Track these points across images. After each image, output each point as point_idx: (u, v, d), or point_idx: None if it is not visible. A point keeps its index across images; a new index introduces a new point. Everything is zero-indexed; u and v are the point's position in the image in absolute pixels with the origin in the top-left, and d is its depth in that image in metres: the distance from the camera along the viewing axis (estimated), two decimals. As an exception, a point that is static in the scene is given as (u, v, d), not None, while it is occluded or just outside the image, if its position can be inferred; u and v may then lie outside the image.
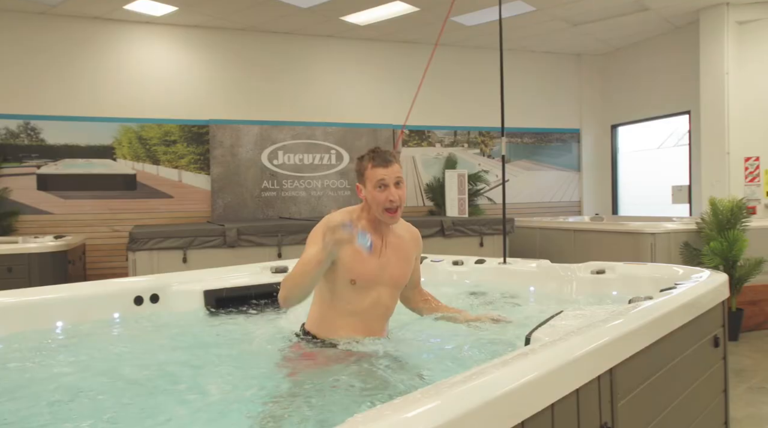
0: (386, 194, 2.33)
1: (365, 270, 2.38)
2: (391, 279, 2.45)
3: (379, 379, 2.02)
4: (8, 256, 5.58)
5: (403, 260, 2.49)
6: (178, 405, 1.85)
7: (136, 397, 1.94)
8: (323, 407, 1.78)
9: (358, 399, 1.83)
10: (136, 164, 7.89)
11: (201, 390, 1.97)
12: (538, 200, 9.97)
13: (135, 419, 1.78)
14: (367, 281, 2.38)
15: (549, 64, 9.96)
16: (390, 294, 2.46)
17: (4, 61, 7.27)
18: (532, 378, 1.44)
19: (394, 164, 2.36)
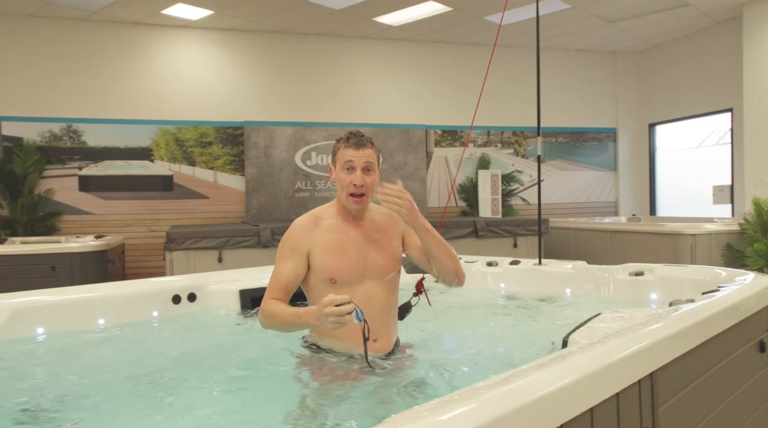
0: (351, 178, 2.17)
1: (344, 265, 2.19)
2: (377, 269, 2.23)
3: (391, 393, 1.90)
4: (52, 255, 5.75)
5: (386, 244, 2.27)
6: (201, 405, 1.88)
7: (159, 393, 1.98)
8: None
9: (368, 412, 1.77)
10: (173, 166, 8.04)
11: (221, 392, 1.99)
12: (573, 201, 9.82)
13: (156, 414, 1.82)
14: (349, 277, 2.19)
15: (584, 62, 9.80)
16: (382, 286, 2.23)
17: (49, 67, 7.50)
18: (570, 382, 1.41)
19: (367, 149, 2.19)
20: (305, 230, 2.24)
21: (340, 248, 2.20)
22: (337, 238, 2.22)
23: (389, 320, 2.27)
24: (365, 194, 2.19)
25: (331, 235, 2.22)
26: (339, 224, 2.25)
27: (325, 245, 2.20)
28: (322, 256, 2.19)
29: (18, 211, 7.17)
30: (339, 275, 2.18)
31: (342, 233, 2.23)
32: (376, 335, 2.18)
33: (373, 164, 2.19)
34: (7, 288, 2.96)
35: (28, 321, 2.56)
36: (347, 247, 2.20)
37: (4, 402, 1.90)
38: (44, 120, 7.52)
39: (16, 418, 1.76)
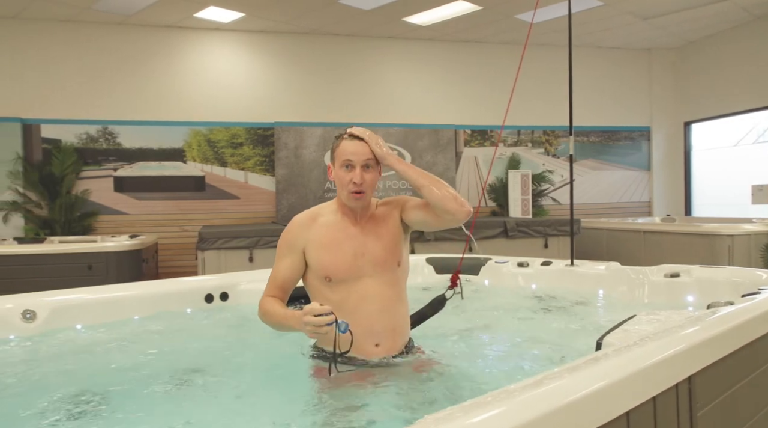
0: (351, 175, 2.10)
1: (338, 263, 2.10)
2: (375, 265, 2.12)
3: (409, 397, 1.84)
4: (88, 254, 5.88)
5: (386, 236, 2.17)
6: (231, 404, 1.90)
7: (191, 391, 2.02)
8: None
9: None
10: (205, 166, 8.16)
11: (249, 391, 2.02)
12: (605, 201, 9.66)
13: (187, 411, 1.85)
14: (344, 274, 2.10)
15: (617, 60, 9.63)
16: (382, 282, 2.12)
17: (85, 70, 7.68)
18: (605, 385, 1.39)
19: (366, 146, 2.13)
20: (302, 227, 2.19)
21: (336, 244, 2.13)
22: (333, 235, 2.15)
23: (392, 321, 2.13)
24: (365, 192, 2.12)
25: (326, 232, 2.16)
26: (336, 221, 2.18)
27: (321, 242, 2.14)
28: (317, 253, 2.13)
29: (56, 211, 7.37)
30: (333, 273, 2.10)
31: (338, 229, 2.16)
32: (377, 338, 2.08)
33: (372, 160, 2.13)
34: (46, 286, 3.04)
35: (67, 318, 2.63)
36: (343, 243, 2.13)
37: (45, 396, 1.95)
38: (81, 122, 7.71)
39: (56, 412, 1.81)
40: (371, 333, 2.07)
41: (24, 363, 2.38)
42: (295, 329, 1.95)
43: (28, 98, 7.51)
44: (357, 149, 2.11)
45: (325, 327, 1.83)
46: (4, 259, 5.72)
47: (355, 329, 1.93)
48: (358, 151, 2.11)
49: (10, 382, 2.16)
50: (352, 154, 2.11)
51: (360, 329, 2.00)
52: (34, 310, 2.55)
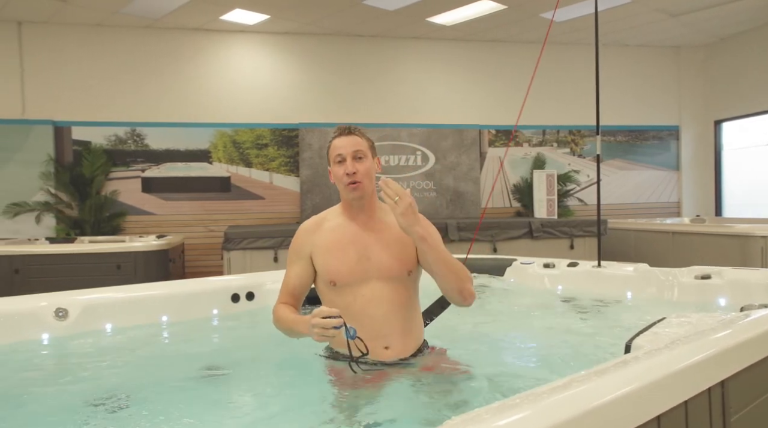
0: (343, 168, 2.08)
1: (342, 266, 2.08)
2: (381, 270, 2.07)
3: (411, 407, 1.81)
4: (117, 254, 5.99)
5: (396, 244, 2.10)
6: (255, 403, 1.92)
7: (217, 389, 2.05)
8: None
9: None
10: (230, 167, 8.25)
11: (274, 390, 2.04)
12: (633, 201, 9.52)
13: (213, 409, 1.87)
14: (348, 278, 2.07)
15: (644, 58, 9.48)
16: (390, 287, 2.07)
17: (114, 73, 7.82)
18: (635, 388, 1.37)
19: (354, 137, 2.11)
20: (307, 233, 2.18)
21: (340, 248, 2.10)
22: (338, 238, 2.13)
23: (401, 323, 2.08)
24: (361, 181, 2.08)
25: (331, 236, 2.14)
26: (342, 224, 2.15)
27: (325, 246, 2.12)
28: (322, 258, 2.12)
29: (86, 211, 7.51)
30: (338, 277, 2.08)
31: (343, 233, 2.13)
32: (386, 341, 2.05)
33: (363, 151, 2.10)
34: (77, 285, 3.10)
35: (97, 317, 2.68)
36: (347, 247, 2.10)
37: (76, 393, 1.99)
38: (110, 124, 7.85)
39: (86, 409, 1.84)
40: (379, 336, 2.04)
41: (56, 360, 2.43)
42: (304, 334, 1.95)
43: (60, 101, 7.67)
44: (345, 142, 2.11)
45: (332, 330, 1.83)
46: (36, 258, 5.86)
47: (362, 333, 1.92)
48: (347, 143, 2.10)
49: (43, 379, 2.21)
50: (341, 147, 2.10)
51: (368, 333, 1.97)
52: (66, 308, 2.60)
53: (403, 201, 1.93)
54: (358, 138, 2.12)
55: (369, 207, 2.15)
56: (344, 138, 2.11)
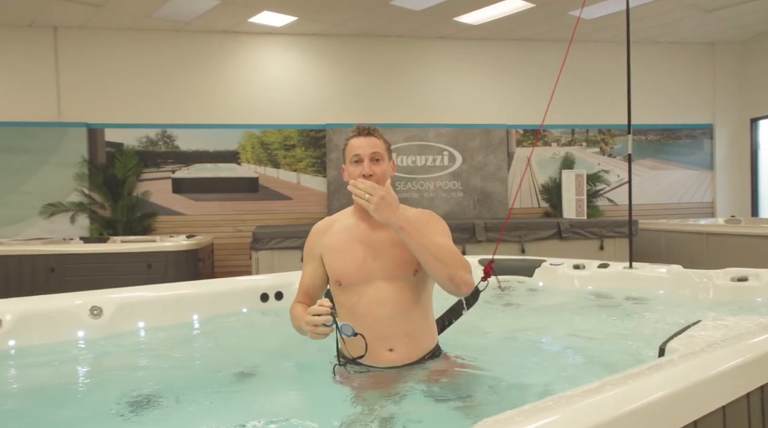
0: (360, 169, 2.06)
1: (347, 266, 2.08)
2: (386, 270, 2.05)
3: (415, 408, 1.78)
4: (148, 254, 6.10)
5: (400, 244, 2.04)
6: (282, 401, 1.94)
7: (247, 387, 2.07)
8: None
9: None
10: (258, 168, 8.33)
11: (300, 390, 2.06)
12: (664, 201, 9.34)
13: (243, 407, 1.90)
14: (353, 278, 2.07)
15: (677, 55, 9.29)
16: (396, 288, 2.04)
17: (146, 76, 7.97)
18: (670, 392, 1.34)
19: (373, 138, 2.09)
20: (318, 234, 2.21)
21: (347, 248, 2.10)
22: (345, 238, 2.13)
23: (406, 326, 2.05)
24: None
25: (340, 236, 2.15)
26: (351, 225, 2.15)
27: (334, 247, 2.13)
28: (330, 258, 2.13)
29: (118, 212, 7.66)
30: (343, 277, 2.08)
31: (352, 233, 2.13)
32: (390, 343, 2.02)
33: (380, 153, 2.09)
34: (109, 284, 3.16)
35: (131, 315, 2.73)
36: (354, 247, 2.09)
37: (108, 389, 2.04)
38: (142, 126, 8.00)
39: (118, 405, 1.88)
40: (383, 338, 2.01)
41: (91, 357, 2.48)
42: (304, 331, 1.95)
43: (93, 104, 7.84)
44: (364, 143, 2.09)
45: (322, 328, 1.84)
46: (71, 257, 6.00)
47: (366, 333, 1.91)
48: (365, 144, 2.09)
49: (78, 375, 2.26)
50: (359, 147, 2.09)
51: (371, 333, 1.96)
52: (101, 307, 2.66)
53: (374, 197, 1.94)
54: (376, 139, 2.10)
55: None
56: (363, 139, 2.10)
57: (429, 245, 1.96)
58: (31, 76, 7.68)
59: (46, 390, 2.09)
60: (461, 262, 1.99)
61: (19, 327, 2.48)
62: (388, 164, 2.12)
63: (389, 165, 2.13)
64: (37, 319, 2.54)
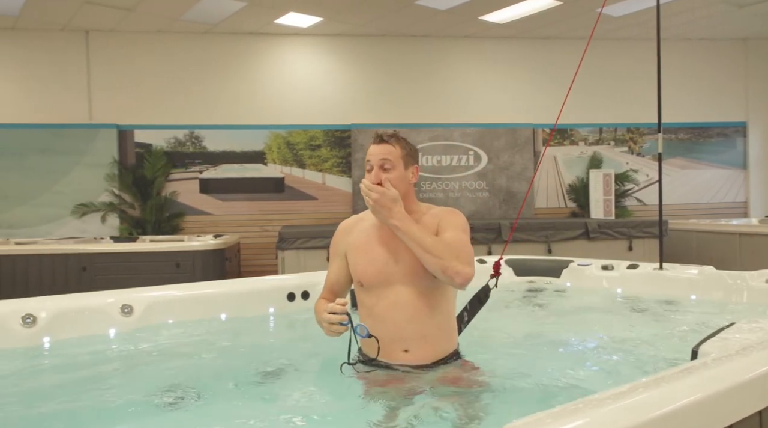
0: (370, 176, 2.07)
1: (369, 268, 2.09)
2: (407, 274, 2.05)
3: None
4: (176, 253, 6.19)
5: None
6: (304, 401, 1.95)
7: (273, 385, 2.09)
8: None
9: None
10: (284, 168, 8.39)
11: (323, 389, 2.07)
12: (695, 201, 9.15)
13: (269, 405, 1.92)
14: (374, 280, 2.08)
15: (708, 52, 9.10)
16: (414, 290, 2.05)
17: (174, 78, 8.08)
18: (703, 397, 1.31)
19: (387, 145, 2.08)
20: (343, 232, 2.24)
21: (369, 249, 2.12)
22: (369, 239, 2.14)
23: (423, 329, 2.06)
24: None
25: (363, 236, 2.16)
26: (376, 225, 2.14)
27: (357, 246, 2.15)
28: (353, 258, 2.15)
29: (147, 212, 7.79)
30: (364, 278, 2.10)
31: (375, 234, 2.13)
32: (405, 345, 2.04)
33: (390, 160, 2.07)
34: (139, 282, 3.22)
35: (160, 314, 2.77)
36: (376, 248, 2.10)
37: (138, 386, 2.07)
38: (170, 127, 8.12)
39: (147, 402, 1.92)
40: (399, 339, 2.03)
41: (122, 354, 2.53)
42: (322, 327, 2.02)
43: (123, 106, 7.98)
44: (375, 150, 2.10)
45: (337, 326, 1.89)
46: (102, 256, 6.12)
47: (383, 334, 1.98)
48: (376, 151, 2.09)
49: (109, 372, 2.31)
50: (372, 154, 2.10)
51: (388, 335, 2.00)
52: (132, 305, 2.70)
53: (369, 199, 2.01)
54: (390, 147, 2.09)
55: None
56: (376, 146, 2.10)
57: (422, 240, 1.99)
58: (64, 80, 7.85)
59: (78, 384, 2.14)
60: (456, 253, 1.99)
61: (53, 324, 2.55)
62: (403, 171, 2.10)
63: (406, 172, 2.11)
64: (70, 316, 2.60)
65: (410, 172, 2.13)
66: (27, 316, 2.51)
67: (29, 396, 2.08)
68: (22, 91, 7.80)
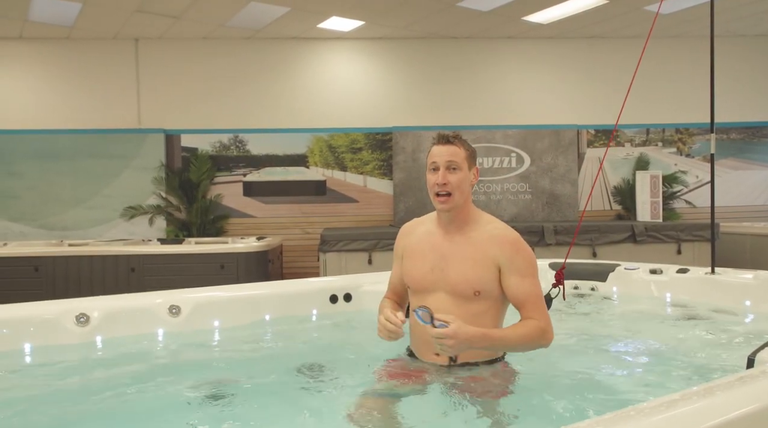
0: (435, 177, 2.08)
1: (416, 273, 2.14)
2: (449, 283, 2.07)
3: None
4: (221, 255, 6.31)
5: (469, 262, 2.07)
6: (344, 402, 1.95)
7: (317, 385, 2.11)
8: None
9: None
10: (326, 171, 8.46)
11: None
12: (749, 204, 8.82)
13: (312, 404, 1.94)
14: (419, 285, 2.13)
15: (763, 48, 8.76)
16: (453, 303, 2.05)
17: (219, 83, 8.26)
18: (762, 406, 1.26)
19: (452, 146, 2.08)
20: (403, 234, 2.29)
21: (421, 254, 2.15)
22: (422, 244, 2.18)
23: None
24: (451, 194, 2.07)
25: (418, 241, 2.20)
26: (430, 231, 2.18)
27: (411, 250, 2.19)
28: (406, 261, 2.20)
29: (193, 214, 7.98)
30: (411, 282, 2.15)
31: (428, 240, 2.16)
32: (437, 349, 1.99)
33: (457, 162, 2.07)
34: (184, 283, 3.30)
35: (207, 314, 2.83)
36: (427, 255, 2.13)
37: (185, 383, 2.12)
38: (215, 132, 8.30)
39: (193, 397, 1.97)
40: (432, 347, 1.97)
41: (169, 353, 2.60)
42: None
43: (170, 111, 8.20)
44: (441, 151, 2.09)
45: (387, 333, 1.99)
46: (149, 258, 6.29)
47: (420, 338, 2.06)
48: (443, 152, 2.09)
49: (157, 369, 2.37)
50: (437, 155, 2.10)
51: (423, 336, 2.01)
52: (179, 305, 2.77)
53: (445, 347, 1.88)
54: (455, 148, 2.10)
55: (459, 219, 2.14)
56: (441, 147, 2.11)
57: (509, 345, 2.03)
58: (114, 86, 8.11)
59: (126, 380, 2.21)
60: (540, 331, 2.00)
61: (105, 324, 2.63)
62: (467, 172, 2.12)
63: (469, 173, 2.13)
64: (121, 316, 2.68)
65: (472, 173, 2.16)
66: (81, 315, 2.61)
67: (82, 390, 2.17)
68: (75, 97, 8.10)
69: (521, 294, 2.04)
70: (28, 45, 7.96)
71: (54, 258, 6.24)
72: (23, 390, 2.20)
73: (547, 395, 1.92)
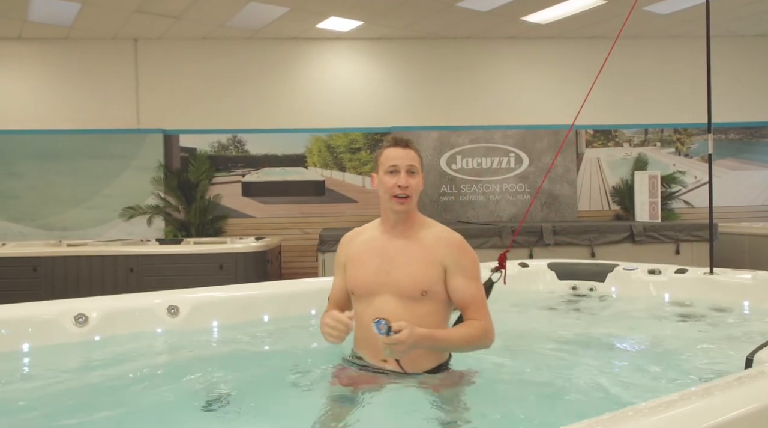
0: (395, 180, 2.07)
1: (359, 277, 2.14)
2: (397, 286, 2.08)
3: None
4: (219, 255, 6.31)
5: (416, 262, 2.09)
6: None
7: (302, 387, 2.11)
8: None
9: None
10: (325, 171, 8.46)
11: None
12: (747, 204, 8.83)
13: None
14: (363, 289, 2.13)
15: (762, 49, 8.78)
16: (400, 304, 2.06)
17: (218, 83, 8.26)
18: (761, 406, 1.26)
19: (411, 151, 2.12)
20: (343, 244, 2.29)
21: (364, 259, 2.16)
22: (365, 250, 2.18)
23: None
24: (409, 196, 2.09)
25: (361, 247, 2.21)
26: (374, 237, 2.19)
27: (354, 257, 2.19)
28: (350, 268, 2.19)
29: (192, 214, 7.97)
30: (355, 287, 2.15)
31: (372, 245, 2.17)
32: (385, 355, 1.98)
33: (416, 166, 2.12)
34: (183, 283, 3.29)
35: (205, 314, 2.83)
36: (371, 259, 2.14)
37: (184, 383, 2.13)
38: (213, 132, 8.30)
39: (192, 397, 1.97)
40: (380, 351, 1.95)
41: (168, 353, 2.59)
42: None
43: (169, 111, 8.20)
44: (401, 154, 2.11)
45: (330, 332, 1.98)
46: (148, 258, 6.28)
47: (368, 342, 2.04)
48: (403, 155, 2.11)
49: (156, 369, 2.37)
50: (398, 158, 2.10)
51: (372, 343, 1.98)
52: (178, 306, 2.77)
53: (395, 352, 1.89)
54: (413, 152, 2.13)
55: (408, 222, 2.16)
56: (400, 150, 2.12)
57: (453, 345, 2.06)
58: (114, 87, 8.11)
59: (125, 380, 2.21)
60: (483, 335, 2.05)
61: (104, 324, 2.63)
62: (420, 178, 2.15)
63: (421, 179, 2.16)
64: (119, 317, 2.68)
65: (422, 178, 2.19)
66: (79, 315, 2.60)
67: (80, 390, 2.17)
68: (74, 97, 8.09)
69: (467, 296, 2.08)
70: (28, 45, 7.96)
71: (53, 258, 6.23)
72: (22, 390, 2.20)
73: (543, 393, 1.92)
